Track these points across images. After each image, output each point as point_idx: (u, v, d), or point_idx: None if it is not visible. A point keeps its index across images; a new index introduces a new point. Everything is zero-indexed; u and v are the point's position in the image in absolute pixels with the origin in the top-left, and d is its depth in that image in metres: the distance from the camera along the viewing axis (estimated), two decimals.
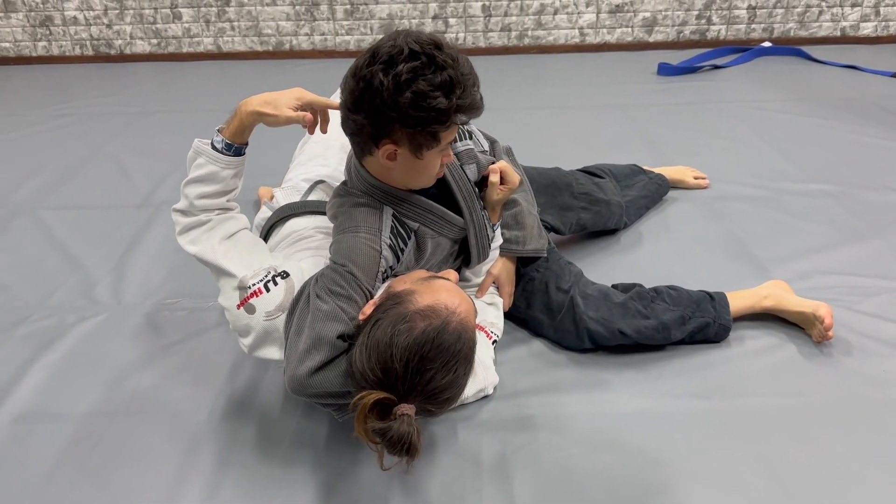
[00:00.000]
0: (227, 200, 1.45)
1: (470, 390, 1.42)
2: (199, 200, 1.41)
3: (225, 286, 1.37)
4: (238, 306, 1.34)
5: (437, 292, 1.21)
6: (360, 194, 1.40)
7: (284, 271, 1.36)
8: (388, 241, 1.36)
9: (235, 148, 1.40)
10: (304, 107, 1.39)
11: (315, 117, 1.42)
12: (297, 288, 1.33)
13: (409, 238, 1.42)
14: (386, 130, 1.25)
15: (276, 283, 1.34)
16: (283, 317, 1.31)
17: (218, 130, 1.40)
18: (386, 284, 1.32)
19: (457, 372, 1.15)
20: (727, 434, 1.38)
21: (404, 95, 1.19)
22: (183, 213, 1.43)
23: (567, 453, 1.35)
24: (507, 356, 1.61)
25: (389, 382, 1.13)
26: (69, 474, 1.34)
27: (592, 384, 1.52)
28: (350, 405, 1.12)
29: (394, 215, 1.40)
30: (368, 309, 1.25)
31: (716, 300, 1.63)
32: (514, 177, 1.52)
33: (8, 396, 1.53)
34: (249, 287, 1.34)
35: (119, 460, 1.37)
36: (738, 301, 1.66)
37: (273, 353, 1.34)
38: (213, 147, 1.39)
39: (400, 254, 1.39)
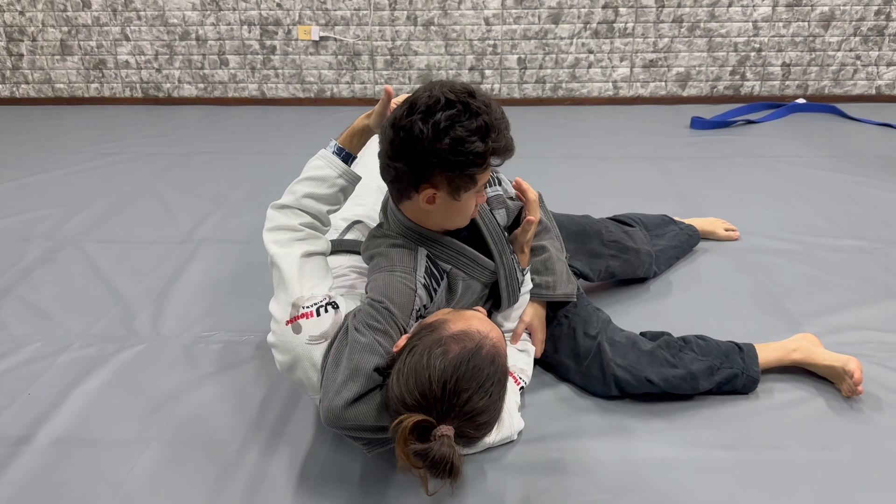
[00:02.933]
0: (328, 212, 1.53)
1: (495, 437, 1.43)
2: (306, 199, 1.49)
3: (281, 296, 1.41)
4: (287, 322, 1.38)
5: (469, 320, 1.25)
6: (396, 235, 1.45)
7: (336, 303, 1.40)
8: (423, 281, 1.40)
9: (345, 154, 1.53)
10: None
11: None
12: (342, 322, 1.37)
13: (442, 279, 1.46)
14: (426, 175, 1.31)
15: (326, 311, 1.37)
16: (324, 345, 1.35)
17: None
18: (419, 322, 1.35)
19: (492, 396, 1.18)
20: (753, 485, 1.37)
21: (443, 142, 1.25)
22: (281, 209, 1.49)
23: (592, 498, 1.35)
24: (534, 400, 1.62)
25: (427, 405, 1.15)
26: (104, 498, 1.37)
27: (619, 431, 1.53)
28: (390, 429, 1.15)
29: (428, 256, 1.44)
30: (402, 341, 1.28)
31: (744, 351, 1.63)
32: (532, 192, 1.60)
33: (48, 420, 1.58)
34: (302, 308, 1.38)
35: (153, 486, 1.40)
36: (767, 353, 1.66)
37: (304, 378, 1.37)
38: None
39: (433, 293, 1.43)
